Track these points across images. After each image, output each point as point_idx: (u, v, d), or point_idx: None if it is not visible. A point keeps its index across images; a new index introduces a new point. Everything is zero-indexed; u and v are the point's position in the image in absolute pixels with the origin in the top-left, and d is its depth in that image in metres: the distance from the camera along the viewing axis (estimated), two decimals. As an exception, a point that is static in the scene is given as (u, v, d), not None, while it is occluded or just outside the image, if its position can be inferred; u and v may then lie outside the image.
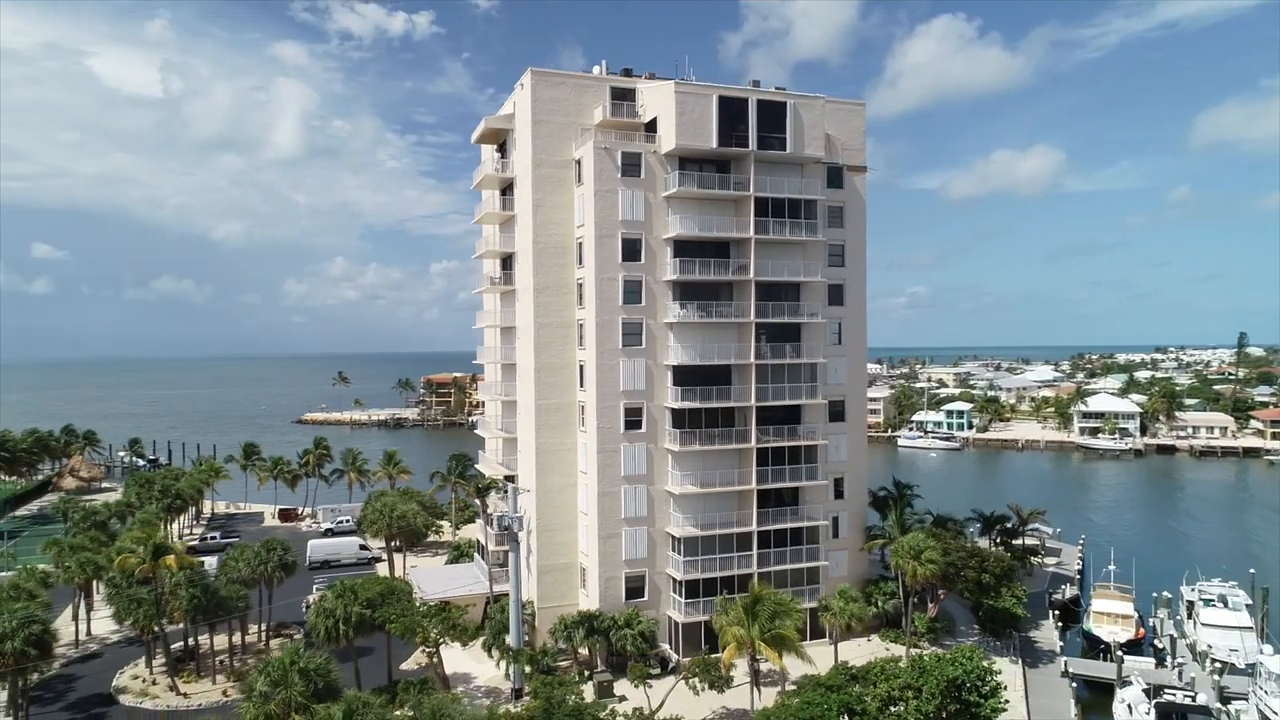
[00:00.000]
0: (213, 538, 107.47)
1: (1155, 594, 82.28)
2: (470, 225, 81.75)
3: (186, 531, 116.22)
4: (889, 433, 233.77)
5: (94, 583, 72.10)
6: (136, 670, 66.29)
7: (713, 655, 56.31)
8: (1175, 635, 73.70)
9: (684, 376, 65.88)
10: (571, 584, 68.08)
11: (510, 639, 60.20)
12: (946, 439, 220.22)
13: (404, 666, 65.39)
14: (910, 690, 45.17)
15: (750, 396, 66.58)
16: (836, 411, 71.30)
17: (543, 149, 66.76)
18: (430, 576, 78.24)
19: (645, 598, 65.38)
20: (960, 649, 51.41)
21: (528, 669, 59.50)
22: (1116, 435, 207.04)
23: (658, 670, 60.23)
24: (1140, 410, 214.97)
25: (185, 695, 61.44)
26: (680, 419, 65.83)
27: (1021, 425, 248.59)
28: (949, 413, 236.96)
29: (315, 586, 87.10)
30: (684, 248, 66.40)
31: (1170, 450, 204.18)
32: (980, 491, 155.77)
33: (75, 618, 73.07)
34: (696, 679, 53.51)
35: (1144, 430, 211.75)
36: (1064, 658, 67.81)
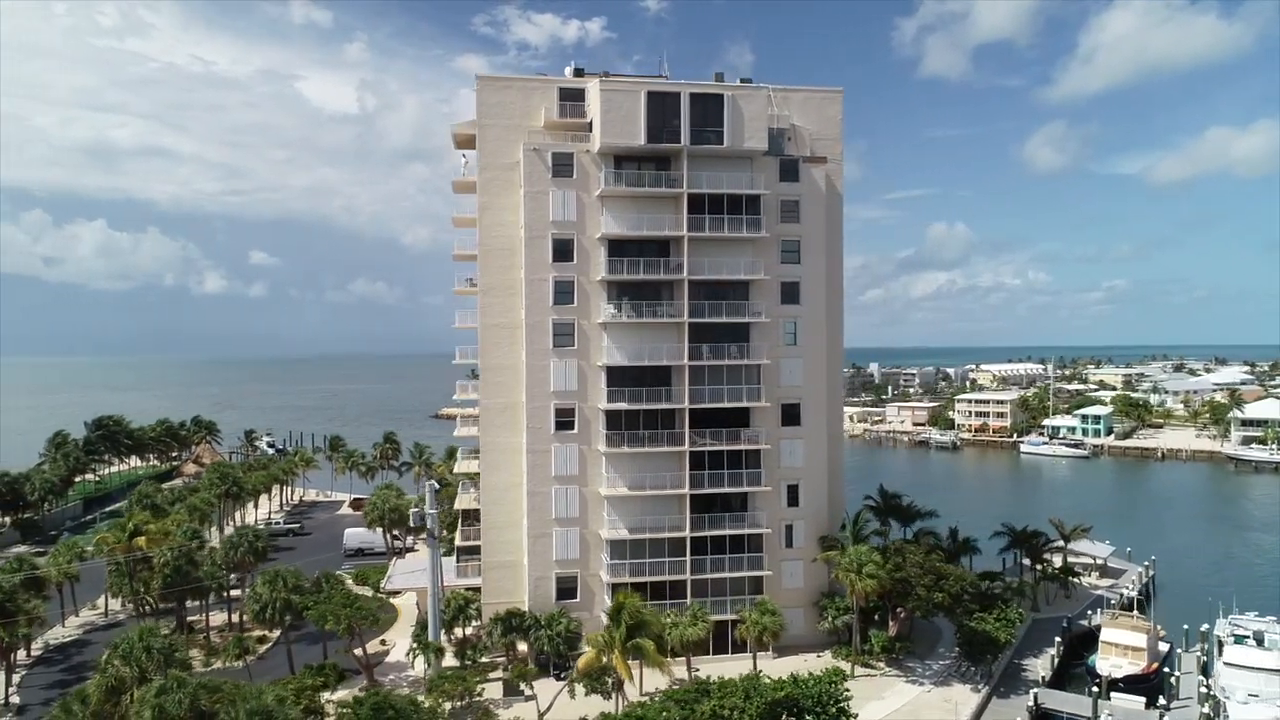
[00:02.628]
0: (277, 523, 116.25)
1: (1185, 626, 73.41)
2: None
3: (264, 515, 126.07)
4: (1014, 438, 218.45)
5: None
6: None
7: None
8: (1195, 674, 65.70)
9: (619, 377, 65.11)
10: (517, 581, 68.66)
11: (430, 633, 61.79)
12: (1074, 446, 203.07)
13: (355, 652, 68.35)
14: (736, 710, 42.86)
15: (687, 398, 64.88)
16: (791, 415, 68.09)
17: (490, 152, 67.79)
18: (405, 567, 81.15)
19: (578, 599, 65.19)
20: (830, 671, 48.34)
21: (456, 662, 61.00)
22: (1274, 446, 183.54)
23: (561, 672, 59.98)
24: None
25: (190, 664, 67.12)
26: (615, 420, 65.13)
27: (1175, 433, 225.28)
28: (1083, 417, 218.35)
29: (340, 571, 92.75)
30: (621, 247, 65.63)
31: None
32: (1076, 502, 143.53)
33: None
34: (580, 684, 53.07)
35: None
36: (1037, 689, 61.85)
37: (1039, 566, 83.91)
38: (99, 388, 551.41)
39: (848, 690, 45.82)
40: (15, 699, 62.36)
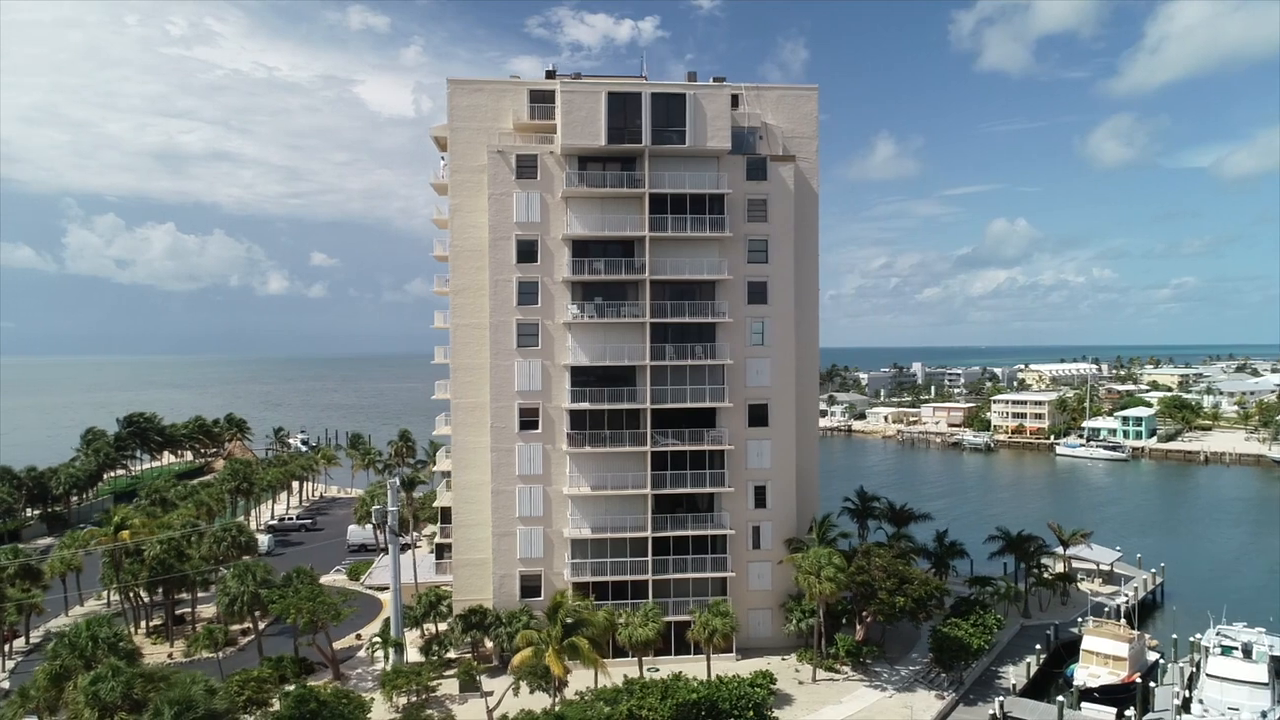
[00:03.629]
0: (289, 519, 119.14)
1: (1174, 636, 71.05)
2: None
3: (283, 511, 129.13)
4: (1050, 440, 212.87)
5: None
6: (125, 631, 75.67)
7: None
8: (1176, 685, 63.61)
9: (583, 377, 65.45)
10: (486, 578, 69.37)
11: (393, 629, 62.86)
12: (1111, 449, 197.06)
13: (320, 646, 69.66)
14: (652, 710, 42.86)
15: (648, 398, 64.90)
16: (758, 415, 67.58)
17: (460, 155, 68.58)
18: (387, 565, 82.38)
19: (542, 598, 65.61)
20: (757, 674, 48.04)
21: (422, 657, 62.03)
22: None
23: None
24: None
25: (141, 654, 69.49)
26: (579, 420, 65.48)
27: (1222, 436, 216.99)
28: (1124, 419, 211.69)
29: (341, 566, 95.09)
30: (586, 247, 65.92)
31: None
32: (1102, 506, 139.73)
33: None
34: (523, 681, 53.51)
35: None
36: (1003, 698, 60.53)
37: (1035, 571, 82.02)
38: (163, 386, 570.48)
39: (772, 694, 45.37)
40: (5, 684, 65.12)
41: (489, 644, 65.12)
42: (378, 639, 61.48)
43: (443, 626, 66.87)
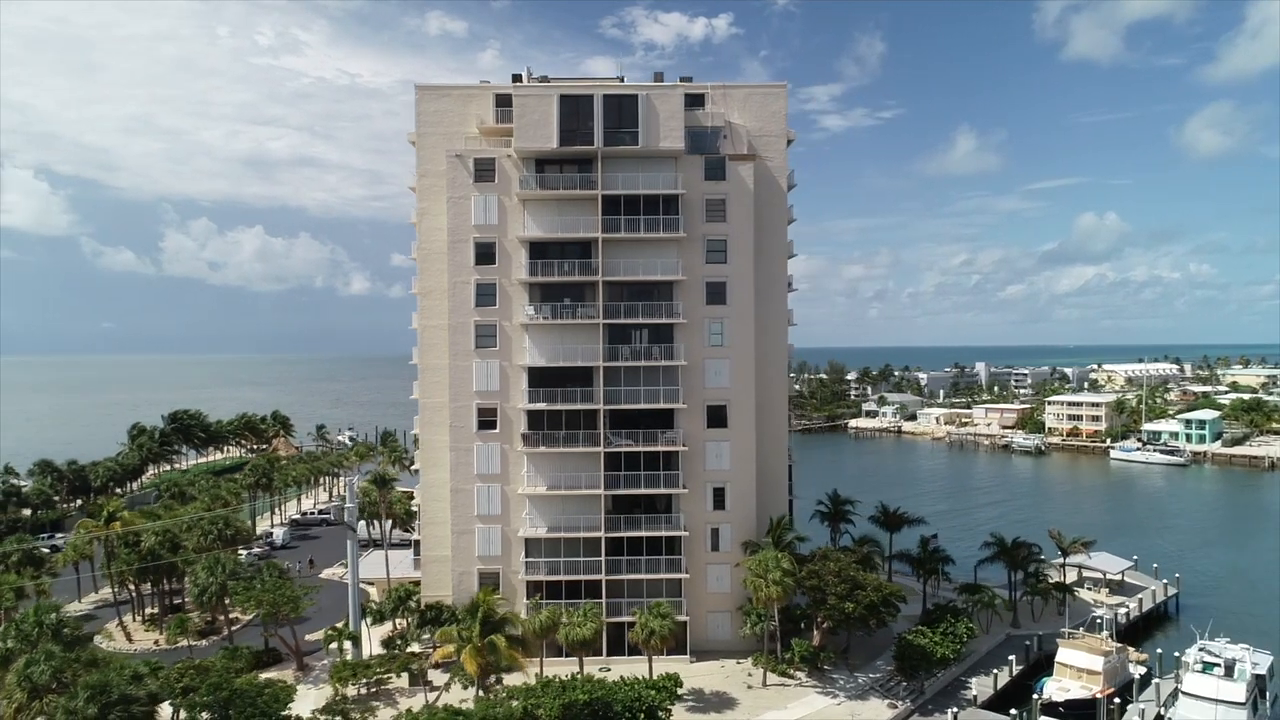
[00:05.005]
0: (311, 514, 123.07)
1: (1159, 650, 67.98)
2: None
3: (311, 505, 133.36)
4: (1106, 443, 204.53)
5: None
6: (125, 618, 79.51)
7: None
8: (1154, 702, 61.10)
9: (541, 378, 66.13)
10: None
11: (351, 623, 64.57)
12: (1169, 453, 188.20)
13: (308, 637, 71.95)
14: (543, 708, 43.20)
15: (601, 399, 65.16)
16: (717, 417, 67.11)
17: (427, 159, 69.91)
18: (378, 558, 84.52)
19: (500, 595, 66.39)
20: (663, 677, 47.89)
21: (382, 651, 63.65)
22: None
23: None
24: None
25: (130, 640, 73.10)
26: (537, 420, 66.17)
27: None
28: (1187, 422, 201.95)
29: (342, 561, 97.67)
30: (544, 249, 66.56)
31: None
32: (1140, 513, 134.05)
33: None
34: (457, 678, 54.45)
35: None
36: (959, 710, 58.97)
37: (1031, 580, 79.18)
38: (241, 384, 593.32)
39: (675, 698, 45.19)
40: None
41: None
42: (334, 632, 63.24)
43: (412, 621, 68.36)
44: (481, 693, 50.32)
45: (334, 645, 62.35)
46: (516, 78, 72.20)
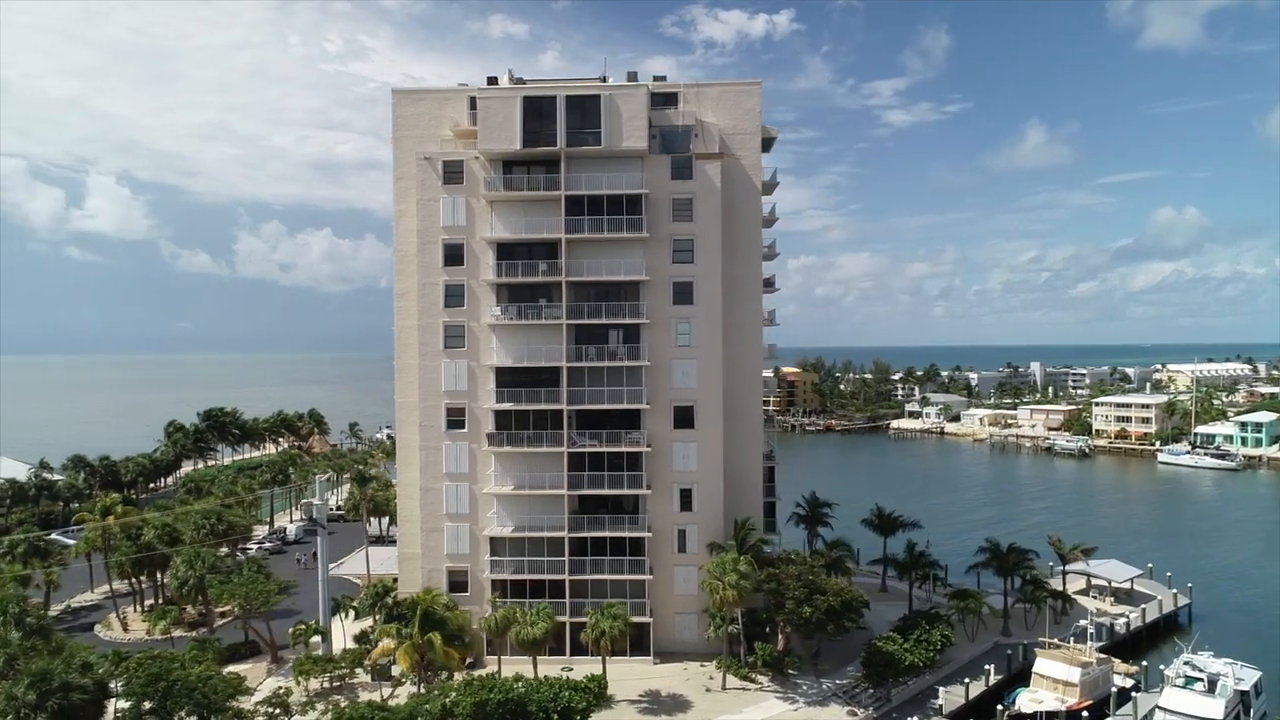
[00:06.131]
0: (333, 510, 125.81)
1: (1144, 663, 65.46)
2: (830, 220, 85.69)
3: (334, 502, 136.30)
4: (1155, 446, 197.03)
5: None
6: (127, 609, 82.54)
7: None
8: (1132, 717, 58.94)
9: (508, 378, 66.58)
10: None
11: (321, 618, 65.93)
12: (1220, 456, 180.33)
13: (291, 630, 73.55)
14: (457, 706, 43.54)
15: (565, 399, 65.30)
16: (684, 418, 66.66)
17: (403, 162, 70.70)
18: (374, 556, 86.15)
19: (469, 593, 67.16)
20: (588, 678, 47.78)
21: (354, 646, 65.00)
22: None
23: None
24: None
25: (126, 630, 75.82)
26: (504, 420, 66.63)
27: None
28: (1241, 424, 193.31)
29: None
30: (511, 250, 66.96)
31: None
32: (1172, 520, 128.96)
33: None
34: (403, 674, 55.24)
35: None
36: (916, 718, 57.62)
37: (1027, 587, 76.86)
38: (303, 382, 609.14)
39: (588, 700, 45.07)
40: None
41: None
42: (303, 626, 64.65)
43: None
44: (422, 689, 50.95)
45: (301, 640, 63.69)
46: (492, 80, 72.65)
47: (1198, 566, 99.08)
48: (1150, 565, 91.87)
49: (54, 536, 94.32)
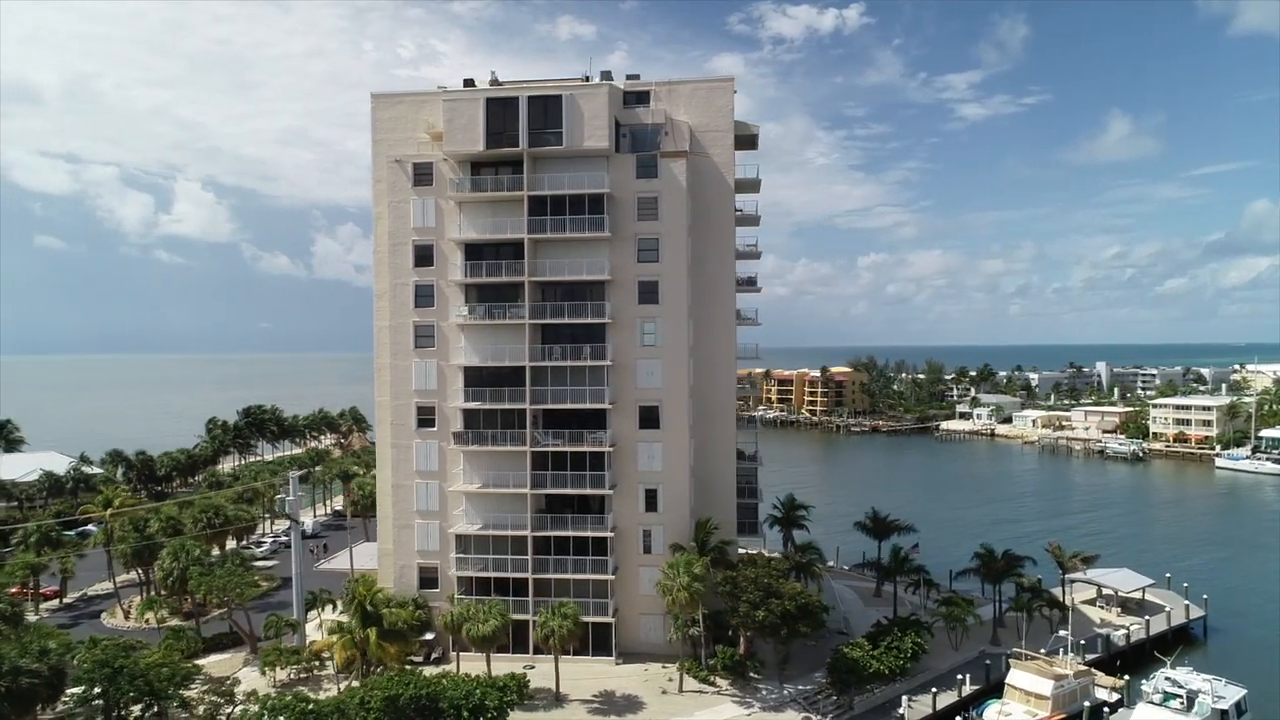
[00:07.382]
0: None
1: (1126, 678, 62.60)
2: (900, 217, 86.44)
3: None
4: (1214, 450, 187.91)
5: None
6: (134, 598, 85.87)
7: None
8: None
9: (476, 378, 67.20)
10: (402, 568, 72.71)
11: (295, 611, 67.58)
12: (1278, 462, 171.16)
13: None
14: (373, 699, 44.16)
15: (529, 399, 65.59)
16: (649, 418, 66.26)
17: (380, 165, 71.81)
18: (366, 551, 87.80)
19: (439, 589, 68.01)
20: (507, 677, 47.97)
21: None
22: None
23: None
24: None
25: (128, 619, 78.91)
26: (473, 419, 67.27)
27: None
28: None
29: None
30: (479, 250, 67.54)
31: None
32: (1214, 530, 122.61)
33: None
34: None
35: None
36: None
37: (1024, 595, 74.29)
38: (363, 380, 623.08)
39: (506, 699, 45.17)
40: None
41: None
42: (276, 618, 66.36)
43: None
44: (357, 683, 51.84)
45: (273, 631, 65.43)
46: (469, 83, 73.28)
47: (1225, 577, 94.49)
48: (1168, 575, 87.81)
49: (89, 528, 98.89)
